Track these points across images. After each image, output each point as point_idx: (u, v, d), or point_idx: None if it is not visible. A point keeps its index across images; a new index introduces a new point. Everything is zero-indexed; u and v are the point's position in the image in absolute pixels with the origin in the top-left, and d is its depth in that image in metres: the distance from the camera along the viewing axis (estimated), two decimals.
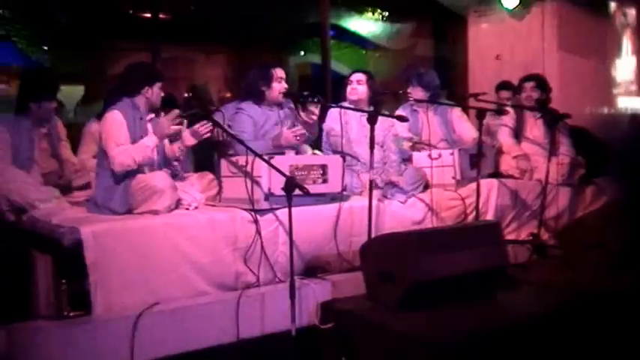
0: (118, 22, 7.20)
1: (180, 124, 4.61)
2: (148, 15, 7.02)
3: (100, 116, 4.61)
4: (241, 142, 4.40)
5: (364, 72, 5.58)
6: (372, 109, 5.25)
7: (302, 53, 8.86)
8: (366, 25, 8.76)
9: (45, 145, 5.13)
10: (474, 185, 5.31)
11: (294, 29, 8.38)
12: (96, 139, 4.86)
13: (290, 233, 3.91)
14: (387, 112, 5.30)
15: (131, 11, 7.41)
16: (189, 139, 4.58)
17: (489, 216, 5.60)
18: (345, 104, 5.43)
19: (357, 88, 5.42)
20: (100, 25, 7.05)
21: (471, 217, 5.40)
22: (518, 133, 6.33)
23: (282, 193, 3.93)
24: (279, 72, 5.03)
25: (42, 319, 3.75)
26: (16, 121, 4.97)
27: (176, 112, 4.46)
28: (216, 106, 6.19)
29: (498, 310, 4.24)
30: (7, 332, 3.53)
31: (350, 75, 5.59)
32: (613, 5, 8.48)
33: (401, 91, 5.87)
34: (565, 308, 4.27)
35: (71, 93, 7.53)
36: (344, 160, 4.79)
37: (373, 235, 4.46)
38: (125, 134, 4.29)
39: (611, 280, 4.83)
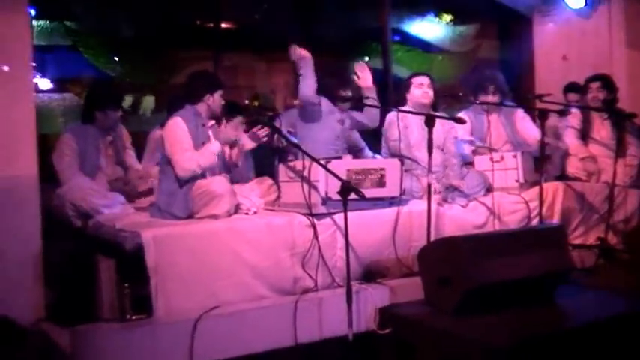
0: (182, 31, 7.33)
1: (245, 131, 4.70)
2: (211, 24, 7.13)
3: (163, 124, 4.73)
4: (298, 146, 4.44)
5: (427, 74, 5.55)
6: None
7: (366, 58, 8.84)
8: (429, 28, 8.69)
9: (110, 153, 5.29)
10: (538, 189, 5.20)
11: (356, 34, 8.38)
12: (159, 147, 4.97)
13: (346, 237, 3.90)
14: (445, 115, 5.24)
15: (197, 21, 7.53)
16: (248, 143, 4.67)
17: (555, 220, 5.48)
18: (406, 107, 5.39)
19: (429, 91, 5.40)
20: (165, 35, 7.19)
21: (535, 221, 5.29)
22: (584, 135, 6.19)
23: (339, 197, 3.93)
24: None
25: (105, 322, 3.84)
26: (83, 130, 5.17)
27: (239, 119, 4.55)
28: (279, 113, 6.25)
29: (559, 314, 4.17)
30: (71, 334, 3.64)
31: (412, 77, 5.53)
32: None
33: (460, 94, 5.81)
34: (629, 313, 4.14)
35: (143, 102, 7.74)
36: (402, 164, 4.77)
37: (433, 240, 4.43)
38: (188, 140, 4.40)
39: None
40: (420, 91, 5.39)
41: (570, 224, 5.62)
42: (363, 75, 5.26)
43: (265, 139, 4.66)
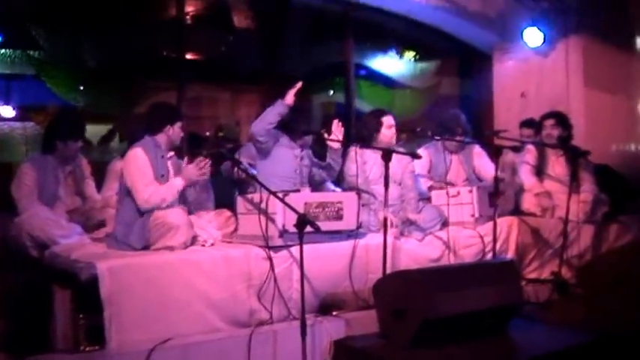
0: (147, 62, 7.36)
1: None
2: (176, 55, 7.17)
3: (123, 155, 4.73)
4: (255, 178, 4.48)
5: (391, 113, 5.61)
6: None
7: (331, 92, 8.94)
8: (392, 63, 8.82)
9: (70, 183, 5.28)
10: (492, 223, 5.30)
11: (320, 68, 8.48)
12: (119, 177, 4.98)
13: (301, 269, 3.93)
14: (403, 150, 5.33)
15: (162, 52, 7.57)
16: (189, 175, 4.63)
17: (510, 254, 5.59)
18: (363, 144, 5.46)
19: (387, 133, 5.47)
20: (130, 65, 7.21)
21: (490, 255, 5.38)
22: (540, 171, 6.30)
23: (296, 229, 3.96)
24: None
25: (59, 353, 3.84)
26: (43, 159, 5.16)
27: (200, 159, 4.55)
28: (240, 145, 6.29)
29: (512, 347, 4.25)
30: None
31: (381, 117, 5.52)
32: (639, 40, 8.43)
33: (419, 129, 5.91)
34: (581, 347, 4.22)
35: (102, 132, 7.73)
36: (359, 197, 4.83)
37: (388, 273, 4.47)
38: (150, 173, 4.42)
39: (631, 319, 4.75)
40: (390, 132, 5.47)
41: (525, 258, 5.74)
42: (338, 135, 5.23)
43: (205, 176, 4.64)
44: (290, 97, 4.92)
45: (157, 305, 3.96)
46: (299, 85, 4.95)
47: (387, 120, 5.50)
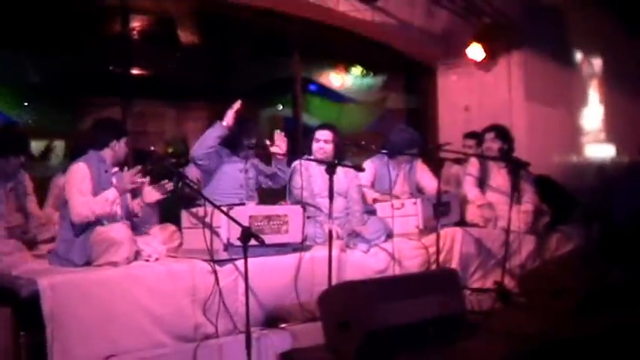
0: (92, 77, 7.29)
1: (143, 179, 4.69)
2: (121, 71, 7.13)
3: (65, 170, 4.69)
4: (200, 193, 4.48)
5: (330, 128, 5.62)
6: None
7: (280, 107, 8.97)
8: (339, 78, 8.91)
9: (11, 199, 5.19)
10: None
11: (267, 83, 8.52)
12: (62, 193, 4.93)
13: (246, 283, 3.94)
14: (349, 163, 5.38)
15: (108, 67, 7.52)
16: (150, 196, 4.66)
17: (454, 264, 5.67)
18: (308, 157, 5.50)
19: (324, 147, 5.49)
20: (74, 81, 7.15)
21: (435, 266, 5.45)
22: (482, 183, 6.42)
23: (240, 243, 3.97)
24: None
25: None
26: None
27: (138, 168, 4.55)
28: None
29: (457, 357, 4.28)
30: None
31: (316, 131, 5.63)
32: (579, 55, 8.68)
33: (363, 142, 5.97)
34: (524, 355, 4.30)
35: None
36: (304, 211, 4.86)
37: (332, 285, 4.50)
38: (88, 186, 4.38)
39: (572, 327, 4.87)
40: (316, 145, 5.51)
41: (469, 268, 5.83)
42: (280, 145, 5.28)
43: (168, 193, 4.66)
44: (229, 119, 4.95)
45: (101, 321, 3.92)
46: (237, 105, 4.97)
47: (317, 134, 5.54)
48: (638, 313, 5.07)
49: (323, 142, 5.51)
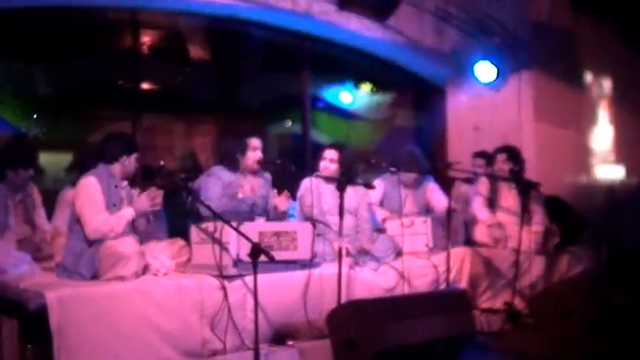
0: (102, 91, 7.31)
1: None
2: (131, 85, 7.15)
3: (74, 183, 4.68)
4: (209, 208, 4.46)
5: (337, 148, 5.62)
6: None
7: (289, 124, 8.97)
8: (348, 96, 8.90)
9: (20, 212, 5.19)
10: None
11: (276, 100, 8.52)
12: (70, 206, 4.91)
13: (255, 299, 3.92)
14: (359, 181, 5.35)
15: (117, 81, 7.54)
16: (139, 204, 4.54)
17: (462, 284, 5.64)
18: (318, 175, 5.48)
19: (329, 166, 5.49)
20: (84, 94, 7.16)
21: (444, 285, 5.42)
22: (492, 202, 6.39)
23: (249, 259, 3.95)
24: (254, 141, 5.18)
25: None
26: None
27: (159, 192, 4.51)
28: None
29: None
30: None
31: (324, 150, 5.62)
32: (589, 76, 8.66)
33: (373, 160, 5.95)
34: None
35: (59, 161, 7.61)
36: (314, 227, 4.84)
37: (341, 303, 4.48)
38: (101, 202, 4.37)
39: (580, 349, 4.83)
40: (323, 164, 5.50)
41: (478, 288, 5.79)
42: (283, 202, 5.16)
43: (157, 207, 4.59)
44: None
45: (108, 335, 3.90)
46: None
47: (325, 153, 5.52)
48: None
49: (329, 160, 5.51)
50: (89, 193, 4.38)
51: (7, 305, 4.04)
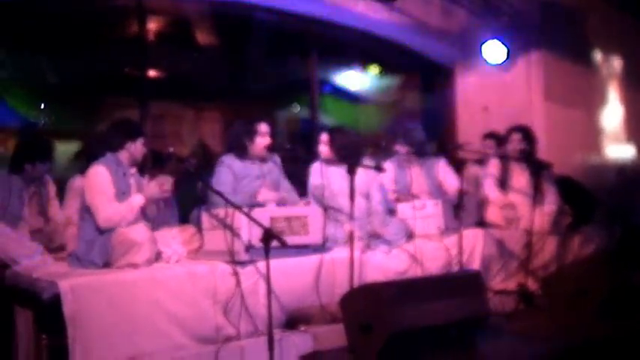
0: (109, 79, 7.30)
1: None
2: (138, 72, 7.13)
3: (83, 172, 4.68)
4: (221, 195, 4.44)
5: (328, 131, 5.59)
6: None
7: (297, 108, 8.95)
8: (356, 79, 8.87)
9: (34, 203, 5.22)
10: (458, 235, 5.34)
11: (284, 85, 8.50)
12: (80, 195, 4.91)
13: (268, 284, 3.90)
14: (369, 164, 5.32)
15: (125, 69, 7.53)
16: (149, 190, 4.58)
17: (475, 266, 5.61)
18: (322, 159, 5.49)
19: (322, 149, 5.51)
20: (92, 82, 7.16)
21: (457, 267, 5.40)
22: (504, 183, 6.36)
23: (262, 244, 3.94)
24: (263, 127, 5.16)
25: None
26: (7, 179, 5.14)
27: (169, 179, 4.52)
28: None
29: (479, 359, 4.23)
30: None
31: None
32: (599, 55, 8.60)
33: (383, 142, 5.92)
34: (546, 357, 4.25)
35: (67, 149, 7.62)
36: (325, 211, 4.82)
37: (354, 287, 4.46)
38: (111, 191, 4.37)
39: (594, 329, 4.81)
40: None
41: (491, 270, 5.77)
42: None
43: (166, 194, 4.61)
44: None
45: (122, 323, 3.89)
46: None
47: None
48: None
49: (322, 143, 5.51)
50: (98, 182, 4.37)
51: (21, 295, 4.07)
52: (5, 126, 7.18)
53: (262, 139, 5.16)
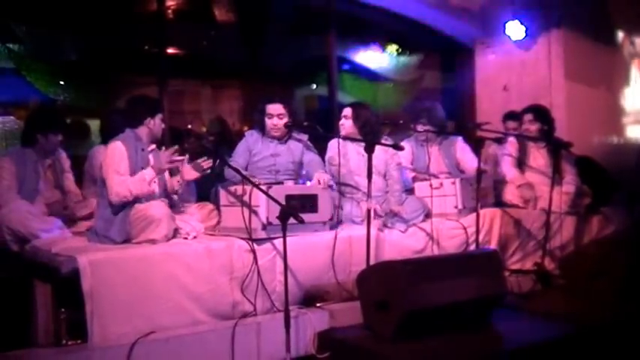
0: (128, 56, 7.32)
1: (181, 157, 4.67)
2: (157, 50, 7.14)
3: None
4: (239, 171, 4.45)
5: (351, 105, 5.55)
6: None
7: (314, 86, 8.93)
8: (375, 57, 8.83)
9: (49, 176, 5.25)
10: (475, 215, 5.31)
11: (302, 62, 8.47)
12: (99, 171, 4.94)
13: (285, 261, 3.92)
14: (387, 142, 5.29)
15: (143, 46, 7.54)
16: (189, 174, 4.66)
17: (492, 245, 5.60)
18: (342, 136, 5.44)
19: (344, 123, 5.46)
20: (110, 59, 7.18)
21: (473, 247, 5.38)
22: (521, 163, 6.32)
23: (279, 222, 3.95)
24: (271, 108, 5.18)
25: (40, 348, 3.79)
26: (22, 153, 5.15)
27: (175, 147, 4.54)
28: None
29: (495, 338, 4.24)
30: (5, 359, 3.56)
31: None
32: (620, 34, 8.49)
33: (401, 121, 5.90)
34: (563, 337, 4.23)
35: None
36: (340, 187, 4.84)
37: (371, 264, 4.47)
38: (125, 165, 4.37)
39: (611, 310, 4.79)
40: (340, 123, 5.49)
41: (508, 250, 5.75)
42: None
43: (208, 170, 4.66)
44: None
45: (139, 298, 3.92)
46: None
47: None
48: None
49: (343, 118, 5.49)
50: (113, 158, 4.38)
51: (40, 270, 4.10)
52: (25, 102, 7.23)
53: (270, 121, 5.17)
